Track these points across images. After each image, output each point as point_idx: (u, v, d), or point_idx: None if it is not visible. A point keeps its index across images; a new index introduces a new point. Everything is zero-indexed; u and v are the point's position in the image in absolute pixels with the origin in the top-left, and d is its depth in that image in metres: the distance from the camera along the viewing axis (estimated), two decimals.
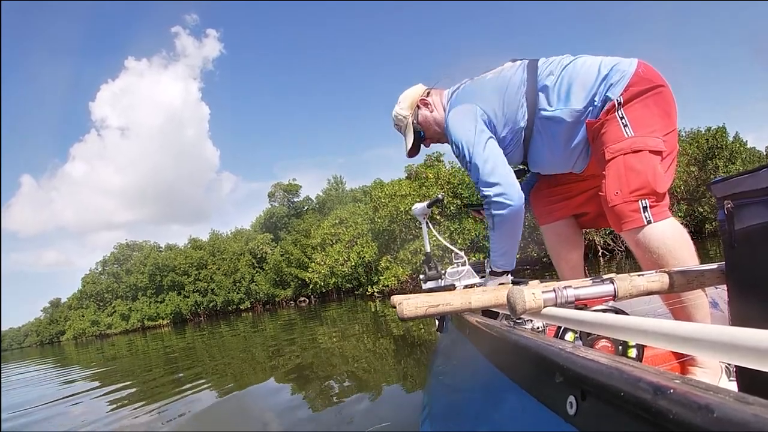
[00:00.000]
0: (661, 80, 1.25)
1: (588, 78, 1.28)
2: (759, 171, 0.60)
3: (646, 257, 1.15)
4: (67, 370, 9.26)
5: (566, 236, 1.61)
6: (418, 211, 2.17)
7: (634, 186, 1.16)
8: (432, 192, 17.24)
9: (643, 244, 1.15)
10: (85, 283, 43.49)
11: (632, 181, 1.16)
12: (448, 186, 17.69)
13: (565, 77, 1.32)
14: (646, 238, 1.14)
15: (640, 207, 1.15)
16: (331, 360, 4.59)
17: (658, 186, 1.15)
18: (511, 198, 1.27)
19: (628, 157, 1.18)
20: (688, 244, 1.15)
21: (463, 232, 16.70)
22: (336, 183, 43.11)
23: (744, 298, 0.66)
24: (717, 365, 1.13)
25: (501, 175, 1.29)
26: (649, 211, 1.14)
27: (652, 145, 1.18)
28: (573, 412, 0.44)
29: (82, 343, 29.45)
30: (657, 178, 1.16)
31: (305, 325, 10.37)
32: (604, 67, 1.28)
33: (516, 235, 1.34)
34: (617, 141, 1.20)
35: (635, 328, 0.47)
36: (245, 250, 37.32)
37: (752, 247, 0.64)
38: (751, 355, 0.31)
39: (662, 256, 1.12)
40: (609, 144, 1.22)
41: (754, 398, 0.27)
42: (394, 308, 0.88)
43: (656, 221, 1.14)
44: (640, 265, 1.20)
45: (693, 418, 0.28)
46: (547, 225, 1.64)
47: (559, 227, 1.61)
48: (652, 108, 1.22)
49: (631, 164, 1.17)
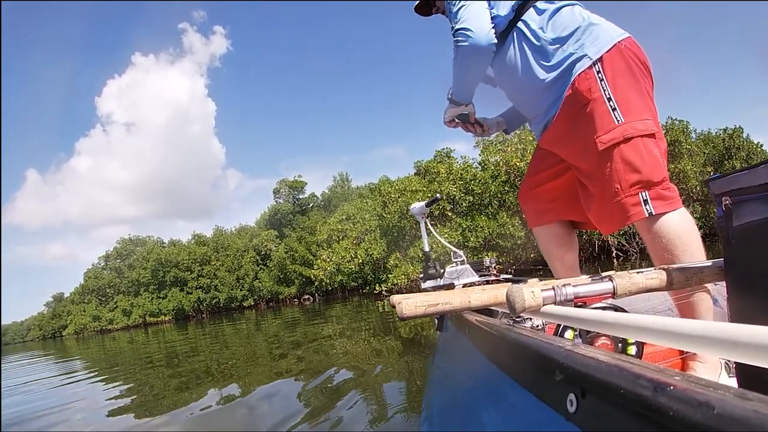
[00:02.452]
0: (646, 59, 1.24)
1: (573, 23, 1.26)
2: (757, 167, 0.60)
3: (660, 254, 1.15)
4: (67, 364, 9.30)
5: (560, 237, 1.56)
6: (417, 210, 2.17)
7: (632, 179, 1.14)
8: (443, 188, 16.83)
9: (658, 240, 1.14)
10: (87, 277, 43.54)
11: (629, 175, 1.14)
12: (461, 181, 17.23)
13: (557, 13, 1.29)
14: (659, 233, 1.14)
15: (641, 200, 1.14)
16: (333, 360, 4.59)
17: (654, 175, 1.14)
18: (474, 33, 1.27)
19: (622, 148, 1.15)
20: (696, 235, 1.15)
21: (476, 229, 16.23)
22: (342, 180, 42.99)
23: (743, 294, 0.66)
24: (717, 362, 1.13)
25: (473, 11, 1.30)
26: (651, 203, 1.13)
27: (643, 129, 1.16)
28: (573, 410, 0.44)
29: (83, 338, 29.56)
30: (653, 167, 1.14)
31: (309, 323, 10.39)
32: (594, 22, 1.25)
33: (473, 72, 1.38)
34: (607, 129, 1.17)
35: (634, 326, 0.47)
36: (249, 247, 37.28)
37: (750, 244, 0.64)
38: (751, 351, 0.31)
39: (673, 251, 1.12)
40: (599, 132, 1.18)
41: (753, 394, 0.28)
42: (394, 308, 0.88)
43: (659, 213, 1.13)
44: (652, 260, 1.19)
45: (693, 414, 0.28)
46: (539, 227, 1.59)
47: (550, 229, 1.56)
48: (639, 85, 1.20)
49: (625, 156, 1.15)
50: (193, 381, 4.56)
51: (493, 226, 16.10)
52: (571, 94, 1.23)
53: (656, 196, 1.14)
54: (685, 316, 1.14)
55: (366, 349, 4.96)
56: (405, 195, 17.21)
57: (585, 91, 1.20)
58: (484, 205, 16.97)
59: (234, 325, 14.83)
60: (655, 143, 1.18)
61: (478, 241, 16.06)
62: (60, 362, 10.55)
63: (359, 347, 5.19)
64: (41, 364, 10.66)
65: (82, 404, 4.15)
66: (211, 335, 11.70)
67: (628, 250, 16.64)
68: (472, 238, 16.08)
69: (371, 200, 21.84)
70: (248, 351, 6.84)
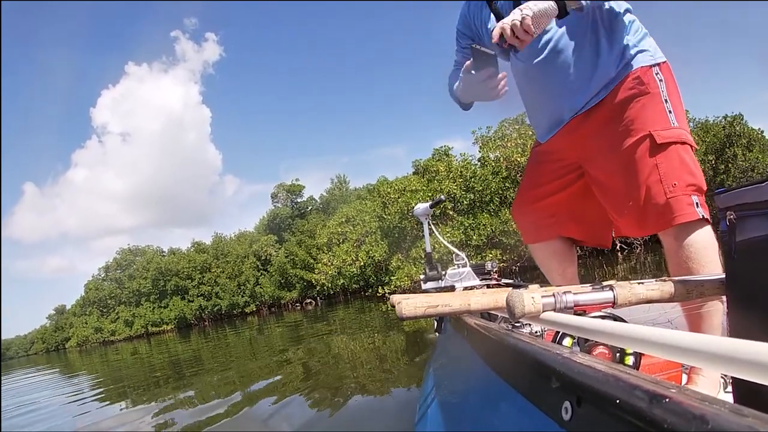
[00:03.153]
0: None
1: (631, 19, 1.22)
2: (762, 183, 0.60)
3: (680, 255, 1.12)
4: (70, 380, 9.28)
5: (560, 253, 1.46)
6: (420, 211, 2.17)
7: (689, 180, 1.13)
8: (444, 186, 16.64)
9: (680, 242, 1.11)
10: (87, 289, 43.42)
11: (687, 176, 1.13)
12: (461, 179, 17.00)
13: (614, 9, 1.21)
14: (694, 235, 1.11)
15: (694, 202, 1.12)
16: (334, 363, 4.59)
17: (703, 183, 1.14)
18: None
19: (681, 149, 1.14)
20: (717, 250, 1.12)
21: (478, 227, 15.97)
22: (340, 182, 42.95)
23: (743, 309, 0.66)
24: (714, 376, 1.11)
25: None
26: (701, 208, 1.12)
27: (690, 141, 1.17)
28: (568, 418, 0.44)
29: (86, 351, 29.53)
30: (701, 176, 1.15)
31: (311, 327, 10.37)
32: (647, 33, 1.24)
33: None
34: (665, 127, 1.15)
35: (633, 336, 0.47)
36: (249, 253, 37.20)
37: (753, 260, 0.64)
38: (748, 367, 0.31)
39: (699, 263, 1.09)
40: (656, 126, 1.14)
41: (749, 410, 0.27)
42: (394, 307, 0.88)
43: (706, 219, 1.12)
44: (667, 262, 1.17)
45: (687, 428, 0.28)
46: (536, 244, 1.49)
47: (550, 245, 1.46)
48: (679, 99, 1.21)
49: (683, 157, 1.14)
50: (198, 389, 4.56)
51: (496, 223, 15.89)
52: (630, 80, 1.18)
53: (703, 203, 1.13)
54: (693, 327, 1.12)
55: (366, 351, 4.96)
56: (405, 195, 17.02)
57: (646, 82, 1.18)
58: (485, 203, 16.80)
59: (237, 332, 14.80)
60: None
61: (481, 239, 15.83)
62: (66, 379, 10.54)
63: (360, 349, 5.19)
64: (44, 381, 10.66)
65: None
66: (214, 342, 11.68)
67: (633, 243, 16.27)
68: (474, 236, 15.87)
69: (370, 201, 21.60)
70: (250, 355, 6.83)
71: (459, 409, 0.96)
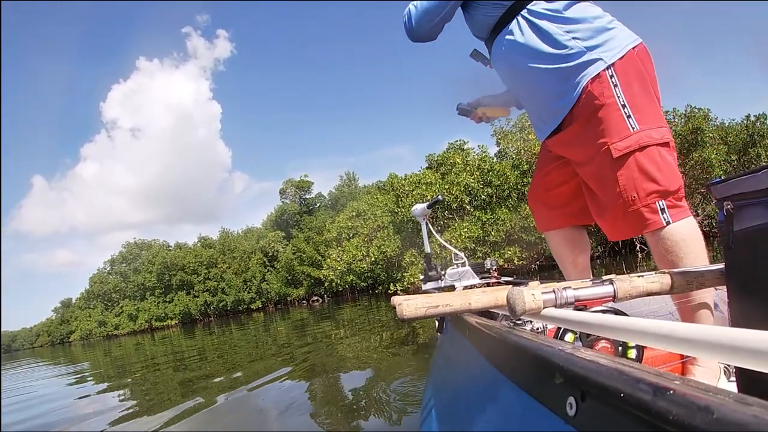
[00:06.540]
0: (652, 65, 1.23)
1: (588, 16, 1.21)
2: (759, 172, 0.60)
3: (663, 256, 1.15)
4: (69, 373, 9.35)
5: (572, 240, 1.53)
6: (418, 212, 2.17)
7: (650, 188, 1.13)
8: (460, 179, 16.19)
9: (662, 244, 1.14)
10: (92, 282, 43.65)
11: (647, 184, 1.13)
12: (478, 172, 16.52)
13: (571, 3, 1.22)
14: (665, 238, 1.14)
15: (659, 209, 1.14)
16: (340, 362, 4.60)
17: (671, 184, 1.14)
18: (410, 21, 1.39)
19: (638, 156, 1.14)
20: (701, 240, 1.15)
21: (496, 222, 15.45)
22: (349, 179, 42.77)
23: (743, 299, 0.65)
24: (717, 366, 1.12)
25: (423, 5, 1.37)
26: (668, 212, 1.14)
27: (658, 138, 1.15)
28: (573, 413, 0.43)
29: (89, 345, 29.67)
30: (670, 176, 1.14)
31: (318, 325, 10.37)
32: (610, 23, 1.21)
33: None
34: (622, 136, 1.15)
35: (635, 329, 0.47)
36: (256, 249, 37.19)
37: (752, 249, 0.64)
38: (751, 356, 0.31)
39: (678, 255, 1.13)
40: (614, 139, 1.15)
41: (753, 399, 0.27)
42: (395, 308, 0.88)
43: (675, 221, 1.14)
44: (656, 262, 1.19)
45: (692, 419, 0.28)
46: (550, 231, 1.56)
47: (562, 233, 1.52)
48: (651, 92, 1.19)
49: (641, 164, 1.14)
50: (201, 383, 4.58)
51: (515, 219, 15.29)
52: (584, 98, 1.20)
53: (672, 204, 1.14)
54: (687, 319, 1.14)
55: (371, 350, 4.96)
56: (420, 188, 16.46)
57: (598, 95, 1.17)
58: (503, 198, 16.28)
59: (242, 328, 14.77)
60: (669, 151, 1.17)
61: (499, 235, 15.32)
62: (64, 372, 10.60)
63: (365, 347, 5.19)
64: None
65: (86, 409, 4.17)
66: (219, 338, 11.71)
67: None
68: (493, 232, 15.34)
69: (382, 195, 21.06)
70: (255, 353, 6.86)
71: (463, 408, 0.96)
